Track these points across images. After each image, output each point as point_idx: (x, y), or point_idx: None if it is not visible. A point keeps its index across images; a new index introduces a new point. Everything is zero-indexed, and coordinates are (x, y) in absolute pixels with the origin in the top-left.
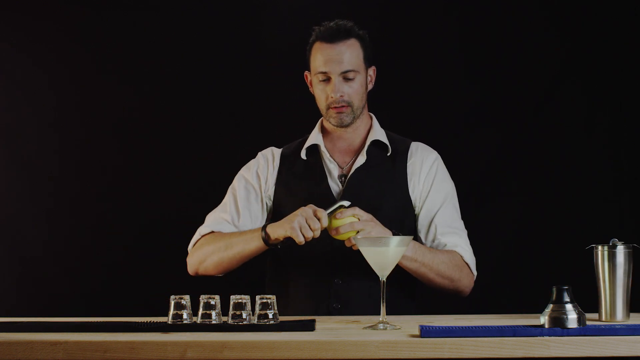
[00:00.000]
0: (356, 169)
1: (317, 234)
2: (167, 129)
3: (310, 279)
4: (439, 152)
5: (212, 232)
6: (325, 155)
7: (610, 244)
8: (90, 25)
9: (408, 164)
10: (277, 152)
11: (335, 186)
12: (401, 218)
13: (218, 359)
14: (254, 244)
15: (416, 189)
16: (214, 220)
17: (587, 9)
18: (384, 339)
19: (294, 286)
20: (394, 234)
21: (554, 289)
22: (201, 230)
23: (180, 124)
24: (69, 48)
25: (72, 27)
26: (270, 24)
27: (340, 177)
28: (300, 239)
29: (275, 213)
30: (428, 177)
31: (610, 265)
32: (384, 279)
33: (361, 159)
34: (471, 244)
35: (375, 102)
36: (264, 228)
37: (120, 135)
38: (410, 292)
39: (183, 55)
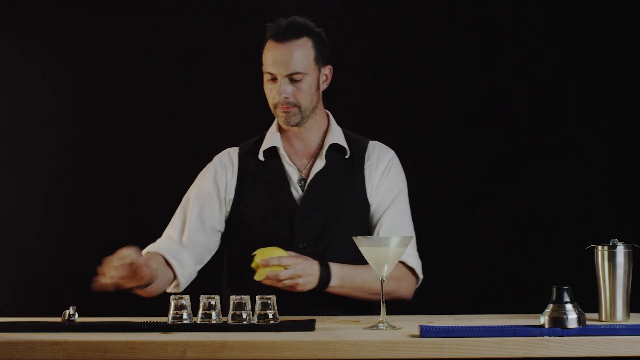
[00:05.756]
0: (315, 174)
1: None
2: (165, 126)
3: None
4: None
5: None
6: (284, 158)
7: (610, 244)
8: (89, 25)
9: (365, 167)
10: (234, 154)
11: (295, 192)
12: (362, 223)
13: (218, 359)
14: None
15: (373, 191)
16: (163, 237)
17: (587, 9)
18: (384, 339)
19: (252, 289)
20: (320, 264)
21: (554, 289)
22: (148, 247)
23: (179, 122)
24: (69, 48)
25: (71, 27)
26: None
27: (299, 181)
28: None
29: (237, 217)
30: (382, 176)
31: (610, 265)
32: (384, 279)
33: (320, 164)
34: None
35: (375, 101)
36: None
37: (119, 134)
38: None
39: (181, 56)
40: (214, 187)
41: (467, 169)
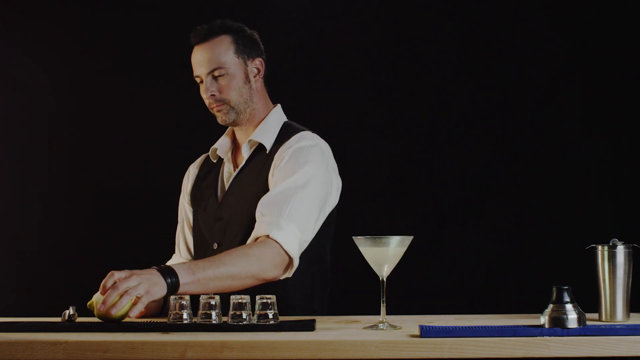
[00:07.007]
0: (236, 173)
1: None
2: (165, 126)
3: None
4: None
5: None
6: (227, 157)
7: (610, 244)
8: (89, 25)
9: (274, 158)
10: (199, 160)
11: (220, 191)
12: None
13: (218, 359)
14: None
15: (272, 181)
16: (173, 256)
17: (587, 9)
18: (384, 339)
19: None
20: (158, 269)
21: (554, 289)
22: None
23: (179, 122)
24: (69, 48)
25: (71, 27)
26: (262, 23)
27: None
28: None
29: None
30: (282, 163)
31: (610, 265)
32: (384, 279)
33: (242, 162)
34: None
35: (374, 101)
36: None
37: (119, 134)
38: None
39: (181, 56)
40: (182, 201)
41: (466, 169)
